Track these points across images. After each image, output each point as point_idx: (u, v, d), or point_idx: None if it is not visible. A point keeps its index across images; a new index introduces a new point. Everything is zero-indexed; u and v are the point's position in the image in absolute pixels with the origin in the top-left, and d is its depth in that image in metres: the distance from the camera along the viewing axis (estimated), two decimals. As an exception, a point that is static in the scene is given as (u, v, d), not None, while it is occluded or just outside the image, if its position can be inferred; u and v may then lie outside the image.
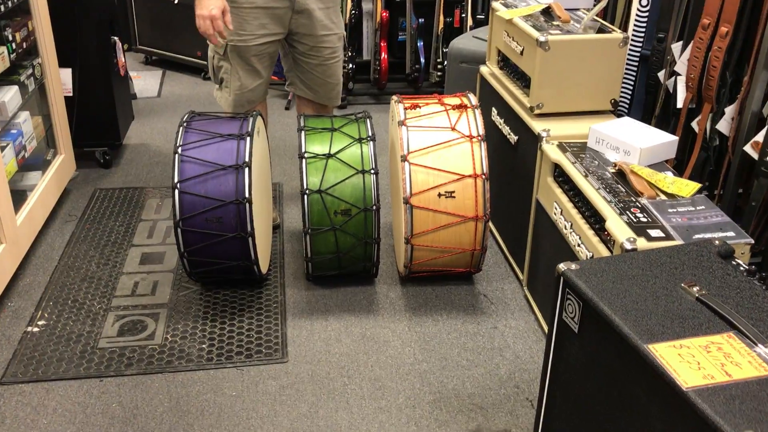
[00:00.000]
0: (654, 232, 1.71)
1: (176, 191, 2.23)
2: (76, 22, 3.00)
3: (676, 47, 2.38)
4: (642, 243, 1.67)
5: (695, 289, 1.41)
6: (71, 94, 3.09)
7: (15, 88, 2.52)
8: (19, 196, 2.56)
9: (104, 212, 2.95)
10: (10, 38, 2.49)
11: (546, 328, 2.24)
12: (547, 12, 2.46)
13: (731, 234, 1.72)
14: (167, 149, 3.51)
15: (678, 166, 2.47)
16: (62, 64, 2.98)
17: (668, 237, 1.70)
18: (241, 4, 2.42)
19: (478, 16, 4.11)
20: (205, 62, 4.39)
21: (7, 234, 2.34)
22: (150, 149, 3.53)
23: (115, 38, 3.26)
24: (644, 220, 1.77)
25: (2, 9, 2.41)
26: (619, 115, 2.50)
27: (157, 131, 3.73)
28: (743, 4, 2.10)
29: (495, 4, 2.64)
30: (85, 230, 2.82)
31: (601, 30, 2.31)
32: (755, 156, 2.04)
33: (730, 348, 1.23)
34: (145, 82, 4.39)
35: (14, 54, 2.52)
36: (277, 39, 2.55)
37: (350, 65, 4.07)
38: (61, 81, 2.93)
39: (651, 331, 1.29)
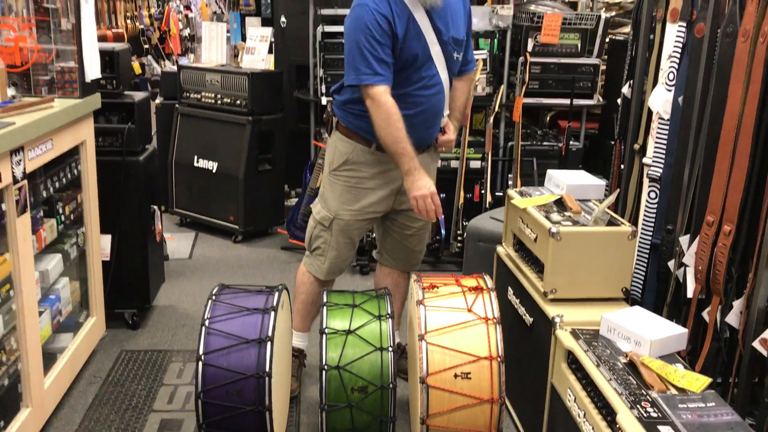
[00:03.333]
0: (664, 429, 1.74)
1: (200, 363, 2.31)
2: (121, 192, 3.23)
3: (683, 240, 2.50)
4: (652, 441, 1.69)
5: (705, 496, 1.42)
6: (108, 259, 3.26)
7: (58, 256, 2.69)
8: (49, 359, 2.65)
9: (128, 375, 3.02)
10: (60, 211, 2.70)
11: None
12: (560, 202, 2.62)
13: (742, 435, 1.73)
14: (193, 312, 3.63)
15: (692, 352, 2.51)
16: (103, 230, 3.18)
17: (679, 435, 1.72)
18: (355, 184, 2.66)
19: (496, 193, 4.32)
20: (237, 227, 4.65)
21: (34, 398, 2.41)
22: (177, 311, 3.65)
23: (155, 207, 3.49)
24: (654, 415, 1.80)
25: (57, 185, 2.63)
26: (633, 301, 2.58)
27: (185, 293, 3.87)
28: (743, 205, 2.24)
29: (510, 192, 2.82)
30: (108, 393, 2.87)
31: (611, 222, 2.45)
32: (764, 353, 2.08)
33: None
34: (178, 243, 4.60)
35: (62, 225, 2.71)
36: (378, 216, 2.78)
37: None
38: (100, 247, 3.11)
39: None
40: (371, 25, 2.42)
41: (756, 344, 2.10)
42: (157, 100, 5.03)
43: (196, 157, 4.72)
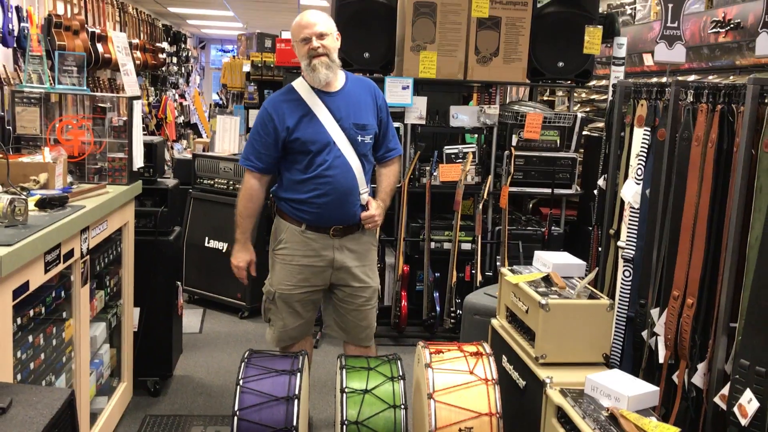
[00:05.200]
0: (642, 467, 2.07)
1: (235, 418, 2.61)
2: (151, 267, 3.57)
3: (654, 312, 2.89)
4: (632, 476, 2.03)
5: None
6: (136, 330, 3.57)
7: (103, 324, 3.01)
8: (91, 418, 2.92)
9: (154, 437, 3.29)
10: (107, 284, 3.04)
11: None
12: (547, 279, 3.01)
13: (706, 472, 2.07)
14: (208, 381, 3.91)
15: (666, 414, 2.85)
16: (134, 303, 3.50)
17: (654, 471, 2.05)
18: (290, 261, 3.02)
19: (486, 273, 4.71)
20: (243, 303, 4.97)
21: (82, 452, 2.67)
22: (194, 380, 3.93)
23: (178, 282, 3.83)
24: (633, 456, 2.14)
25: (105, 261, 2.98)
26: (611, 367, 2.94)
27: (199, 365, 4.15)
28: (703, 281, 2.64)
29: (503, 270, 3.21)
30: (138, 453, 3.14)
31: (591, 296, 2.84)
32: (724, 407, 2.44)
33: None
34: (188, 318, 4.89)
35: (108, 296, 3.04)
36: (319, 289, 3.10)
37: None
38: (133, 319, 3.43)
39: None
40: (259, 121, 3.01)
41: (716, 399, 2.47)
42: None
43: (207, 238, 5.08)
